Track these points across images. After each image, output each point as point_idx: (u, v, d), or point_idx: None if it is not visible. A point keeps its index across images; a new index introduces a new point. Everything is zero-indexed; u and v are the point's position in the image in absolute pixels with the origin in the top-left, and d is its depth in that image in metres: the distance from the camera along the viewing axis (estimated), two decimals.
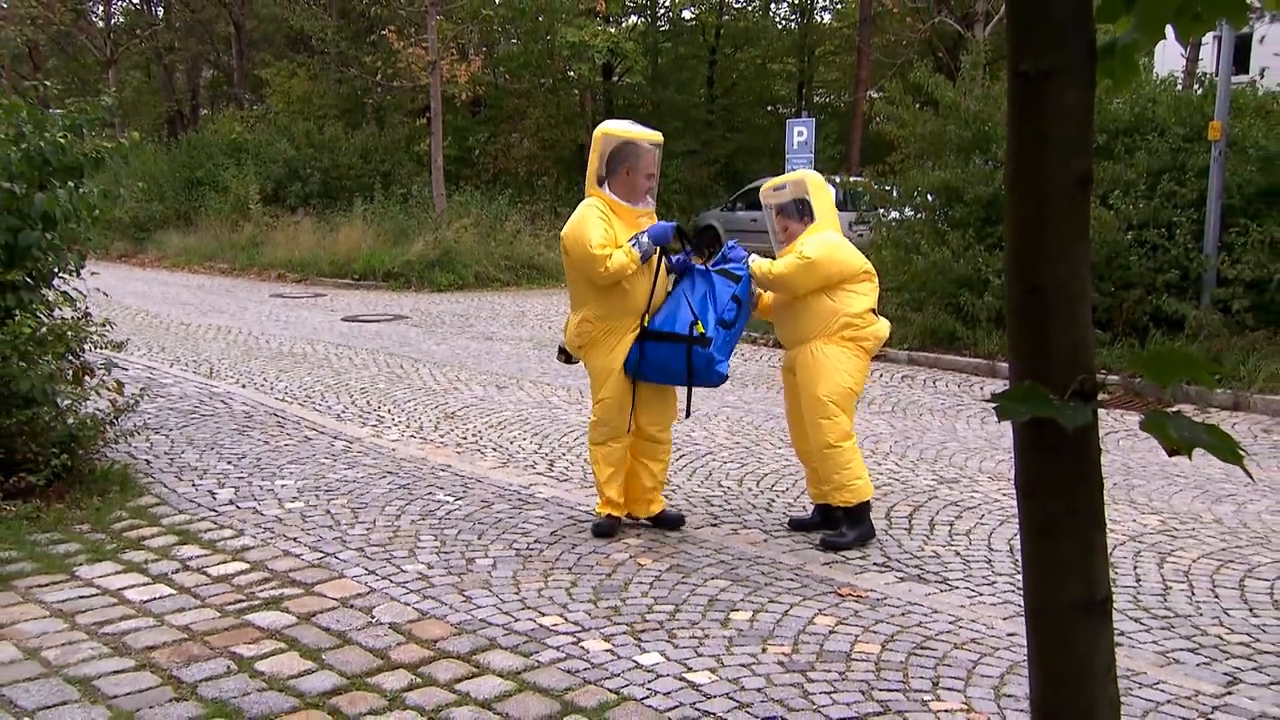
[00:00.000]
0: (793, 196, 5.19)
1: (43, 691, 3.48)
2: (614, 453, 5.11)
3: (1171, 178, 9.86)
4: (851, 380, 5.04)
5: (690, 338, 4.89)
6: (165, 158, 24.67)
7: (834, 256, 5.00)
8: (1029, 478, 1.50)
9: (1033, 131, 1.31)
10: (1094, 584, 1.49)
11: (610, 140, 4.96)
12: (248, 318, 13.35)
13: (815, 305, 5.04)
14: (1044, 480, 1.47)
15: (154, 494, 5.66)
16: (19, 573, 4.49)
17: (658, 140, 5.08)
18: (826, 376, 4.99)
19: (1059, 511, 1.47)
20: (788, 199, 5.19)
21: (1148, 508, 5.85)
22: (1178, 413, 1.35)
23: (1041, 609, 1.54)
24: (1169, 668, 3.88)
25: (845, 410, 5.03)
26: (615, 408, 5.05)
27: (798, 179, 5.26)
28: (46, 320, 5.63)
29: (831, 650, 3.90)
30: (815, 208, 5.16)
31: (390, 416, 7.87)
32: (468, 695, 3.50)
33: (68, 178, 5.69)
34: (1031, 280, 1.35)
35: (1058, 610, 1.51)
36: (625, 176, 4.96)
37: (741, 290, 5.10)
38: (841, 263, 5.02)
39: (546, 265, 17.74)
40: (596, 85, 26.36)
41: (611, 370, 5.01)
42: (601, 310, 4.99)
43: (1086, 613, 1.49)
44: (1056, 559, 1.50)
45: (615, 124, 5.12)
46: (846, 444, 5.02)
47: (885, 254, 11.74)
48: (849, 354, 5.03)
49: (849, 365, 5.03)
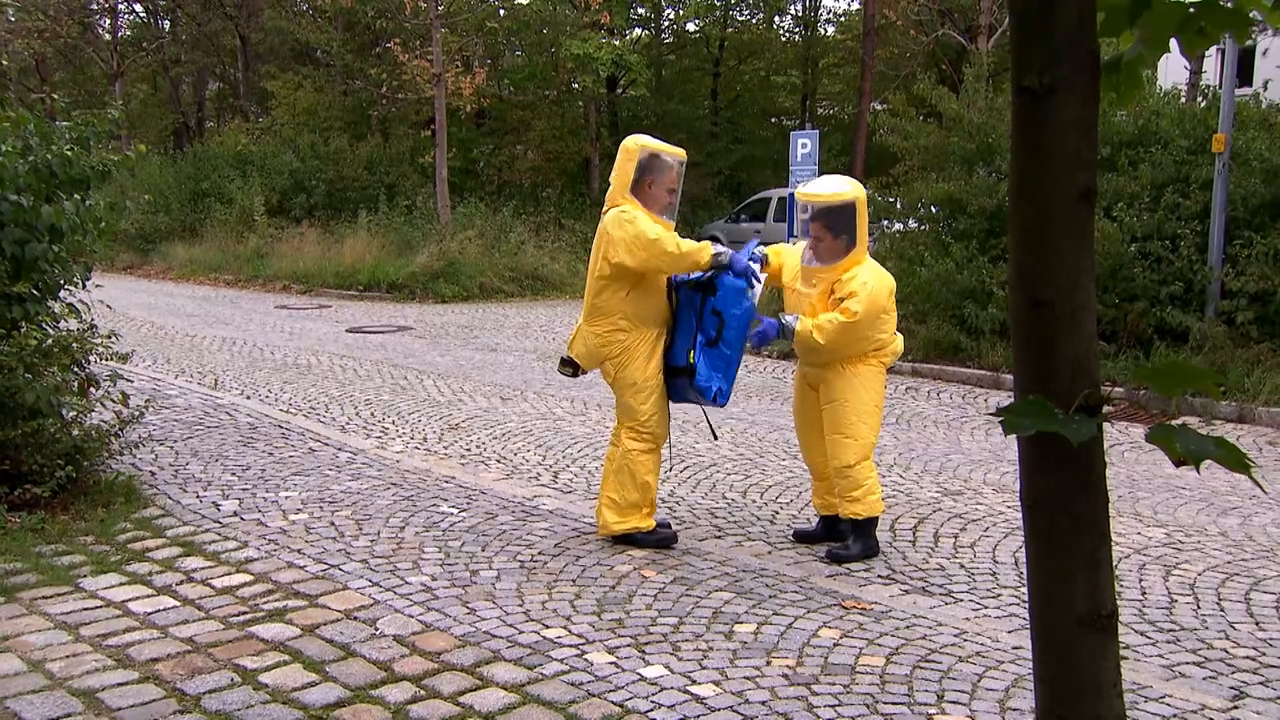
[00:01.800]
0: (837, 203, 4.85)
1: (47, 704, 3.48)
2: (657, 460, 5.17)
3: (1175, 190, 9.87)
4: (879, 398, 5.02)
5: (686, 369, 5.03)
6: (171, 170, 24.77)
7: (877, 301, 4.85)
8: (1034, 491, 1.50)
9: (1036, 146, 1.31)
10: (1100, 598, 1.49)
11: (639, 152, 4.98)
12: (252, 329, 13.37)
13: (832, 351, 4.97)
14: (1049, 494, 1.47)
15: (158, 505, 5.66)
16: (24, 584, 4.49)
17: (682, 157, 5.10)
18: (856, 397, 4.94)
19: (1064, 525, 1.47)
20: (833, 205, 4.86)
21: (1153, 520, 5.83)
22: (1183, 425, 1.35)
23: (1047, 623, 1.54)
24: (1175, 681, 3.86)
25: (873, 428, 5.00)
26: (661, 415, 5.11)
27: (852, 190, 4.92)
28: (52, 332, 5.64)
29: (836, 663, 3.89)
30: (858, 230, 4.90)
31: (394, 428, 7.88)
32: (472, 708, 3.49)
33: (74, 190, 5.71)
34: (1035, 294, 1.36)
35: (1063, 625, 1.51)
36: (647, 189, 4.98)
37: (725, 302, 4.97)
38: (884, 299, 4.89)
39: (551, 277, 17.78)
40: (601, 97, 26.46)
41: (652, 378, 5.06)
42: (636, 319, 5.01)
43: (1092, 627, 1.49)
44: (1062, 573, 1.50)
45: (644, 137, 5.13)
46: (867, 461, 4.98)
47: (889, 266, 11.72)
48: (875, 371, 5.00)
49: (876, 384, 5.00)
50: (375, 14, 23.16)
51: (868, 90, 25.61)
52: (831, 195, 4.87)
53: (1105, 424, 1.40)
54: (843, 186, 4.94)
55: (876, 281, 4.89)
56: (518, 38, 26.27)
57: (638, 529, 5.13)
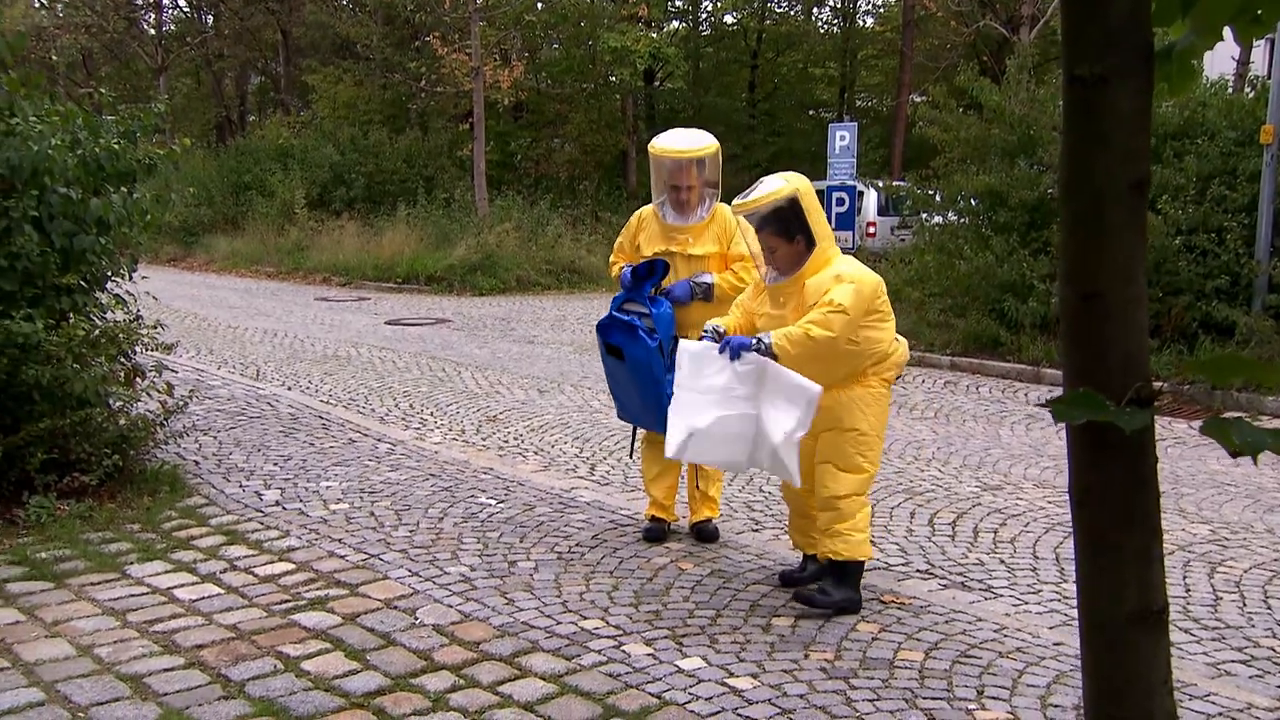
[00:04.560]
0: (775, 202, 4.20)
1: (96, 688, 3.54)
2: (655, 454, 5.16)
3: (1222, 182, 9.70)
4: (880, 424, 4.30)
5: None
6: (214, 163, 25.06)
7: (862, 292, 4.12)
8: (1084, 485, 1.47)
9: (1088, 136, 1.30)
10: (1151, 594, 1.46)
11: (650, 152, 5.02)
12: (293, 321, 13.51)
13: (833, 355, 4.16)
14: (1099, 487, 1.45)
15: (202, 494, 5.74)
16: (72, 571, 4.58)
17: (676, 152, 4.84)
18: (855, 425, 4.23)
19: (1115, 519, 1.45)
20: (773, 205, 4.21)
21: (1197, 517, 5.75)
22: (1239, 417, 1.33)
23: (1096, 619, 1.51)
24: (1220, 680, 3.81)
25: (873, 460, 4.30)
26: None
27: (788, 184, 4.24)
28: (99, 323, 5.74)
29: (874, 657, 3.87)
30: (812, 226, 4.21)
31: (433, 420, 7.93)
32: (510, 698, 3.51)
33: (121, 183, 5.79)
34: (1087, 286, 1.34)
35: (1114, 621, 1.48)
36: (660, 187, 5.00)
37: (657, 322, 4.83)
38: (869, 292, 4.16)
39: (587, 269, 17.79)
40: (638, 90, 26.42)
41: None
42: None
43: (1143, 624, 1.47)
44: (1112, 568, 1.47)
45: (659, 137, 5.08)
46: (861, 497, 4.28)
47: (928, 259, 11.66)
48: (876, 394, 4.27)
49: (878, 408, 4.28)
50: (414, 8, 23.25)
51: (907, 82, 25.38)
52: (768, 196, 4.21)
53: None
54: (776, 183, 4.26)
55: (854, 273, 4.17)
56: (555, 31, 26.28)
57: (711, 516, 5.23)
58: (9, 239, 5.19)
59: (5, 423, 5.16)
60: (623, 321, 4.86)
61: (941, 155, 12.37)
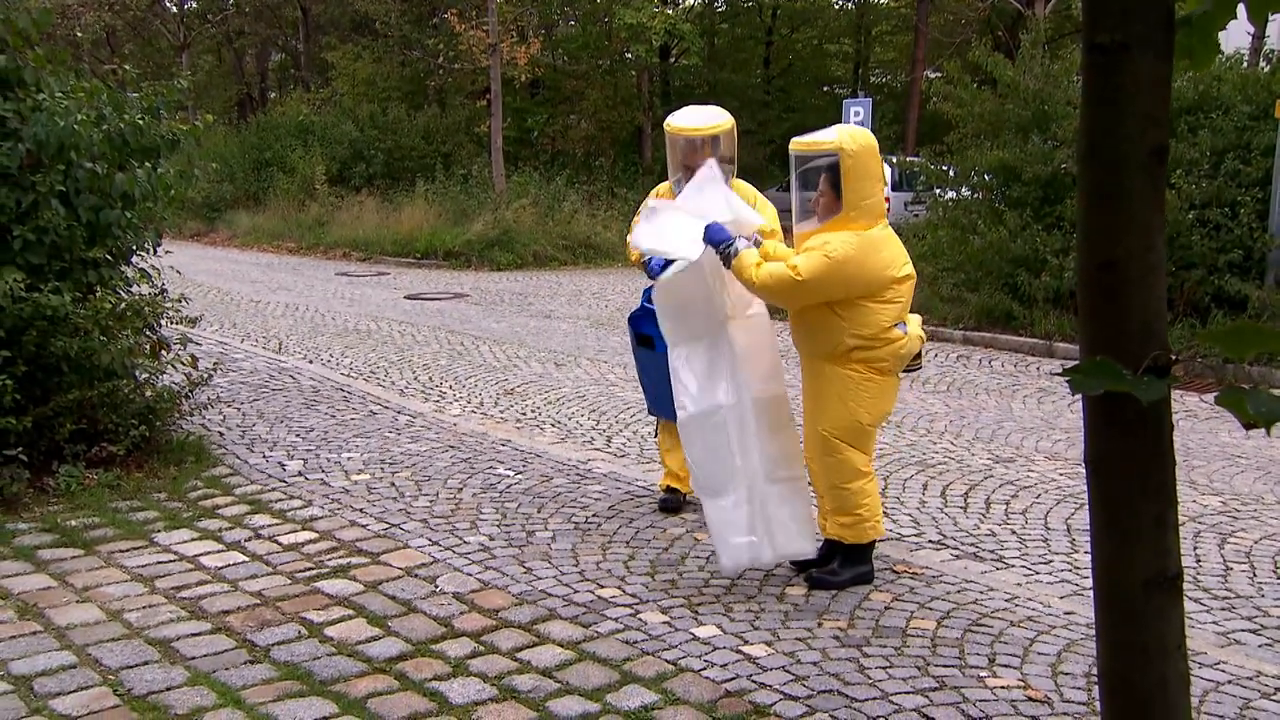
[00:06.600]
0: (814, 154, 4.10)
1: (125, 651, 3.63)
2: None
3: (1236, 156, 9.65)
4: (863, 410, 4.11)
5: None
6: (235, 140, 25.10)
7: (839, 270, 3.94)
8: (1099, 453, 1.49)
9: (1109, 103, 1.31)
10: (1166, 560, 1.48)
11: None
12: (314, 295, 13.58)
13: (815, 321, 4.12)
14: (1115, 456, 1.46)
15: (227, 465, 5.83)
16: (101, 538, 4.67)
17: (691, 129, 4.80)
18: (830, 408, 4.15)
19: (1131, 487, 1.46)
20: (809, 154, 4.13)
21: (1208, 488, 5.78)
22: (1254, 388, 1.34)
23: (1112, 585, 1.52)
24: (1230, 648, 3.85)
25: (858, 446, 4.17)
26: None
27: (829, 136, 4.08)
28: (125, 296, 5.80)
29: (887, 626, 3.92)
30: (845, 186, 4.00)
31: (452, 392, 8.00)
32: (529, 664, 3.58)
33: (146, 158, 5.84)
34: (1105, 253, 1.35)
35: (1129, 586, 1.49)
36: (672, 165, 5.02)
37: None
38: (850, 273, 3.97)
39: (603, 245, 17.79)
40: (654, 66, 26.29)
41: None
42: None
43: (1158, 589, 1.47)
44: (1128, 535, 1.48)
45: (675, 114, 5.07)
46: (858, 483, 4.20)
47: (941, 234, 11.64)
48: (859, 379, 4.09)
49: (859, 394, 4.10)
50: None
51: (921, 58, 25.20)
52: (815, 143, 4.10)
53: None
54: (830, 135, 4.10)
55: (842, 251, 3.94)
56: (572, 8, 26.18)
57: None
58: (37, 213, 5.26)
59: (35, 394, 5.25)
60: (654, 311, 4.90)
61: (955, 130, 12.32)
